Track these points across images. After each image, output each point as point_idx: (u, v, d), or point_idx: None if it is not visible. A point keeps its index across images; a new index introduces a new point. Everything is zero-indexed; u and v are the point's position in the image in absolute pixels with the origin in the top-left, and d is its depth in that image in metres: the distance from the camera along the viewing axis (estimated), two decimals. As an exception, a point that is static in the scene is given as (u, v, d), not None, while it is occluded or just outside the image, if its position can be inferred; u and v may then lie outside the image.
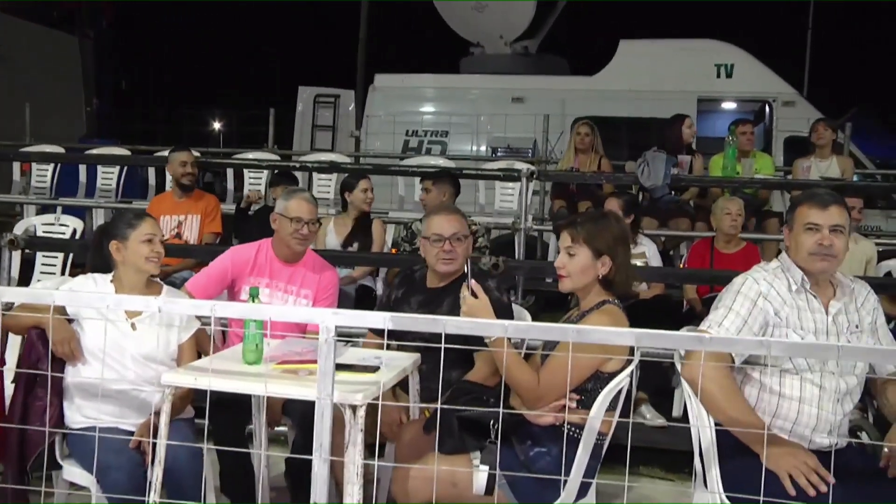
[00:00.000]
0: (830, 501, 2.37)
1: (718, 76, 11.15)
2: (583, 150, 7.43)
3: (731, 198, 5.89)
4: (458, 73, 12.39)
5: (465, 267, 2.91)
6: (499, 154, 10.70)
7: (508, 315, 3.50)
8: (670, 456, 4.45)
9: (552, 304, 6.17)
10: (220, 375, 2.67)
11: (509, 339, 2.87)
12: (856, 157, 9.35)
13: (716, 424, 2.78)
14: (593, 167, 7.32)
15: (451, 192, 5.84)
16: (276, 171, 6.66)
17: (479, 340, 2.81)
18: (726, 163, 6.81)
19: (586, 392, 2.86)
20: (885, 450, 2.71)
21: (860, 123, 12.20)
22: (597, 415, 2.75)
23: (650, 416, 4.78)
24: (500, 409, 2.54)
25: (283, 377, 2.77)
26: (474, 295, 2.85)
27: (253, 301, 3.11)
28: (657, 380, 4.79)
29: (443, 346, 2.26)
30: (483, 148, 11.26)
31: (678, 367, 2.88)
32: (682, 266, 6.10)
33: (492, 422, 2.78)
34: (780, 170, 9.02)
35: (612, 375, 2.83)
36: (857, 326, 2.88)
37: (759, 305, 2.82)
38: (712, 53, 11.21)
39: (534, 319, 6.40)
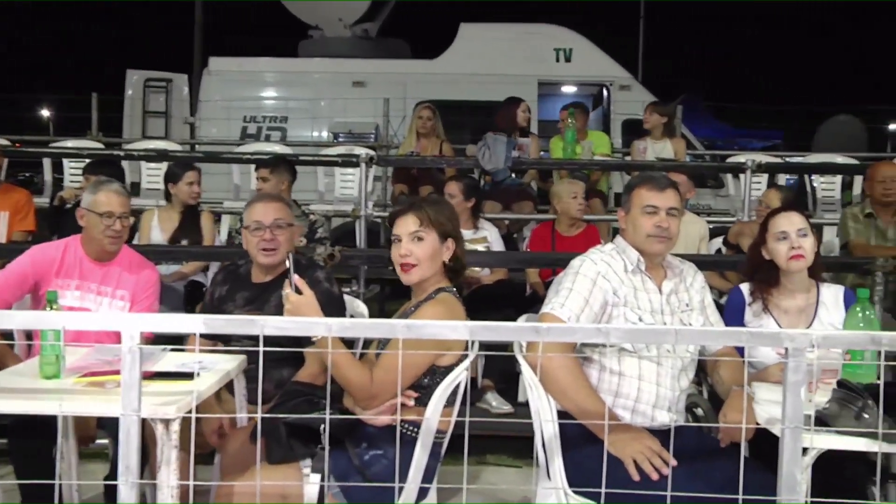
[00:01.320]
0: (670, 482, 2.34)
1: (558, 60, 11.31)
2: (424, 134, 7.31)
3: (574, 180, 5.92)
4: (297, 57, 12.01)
5: (287, 260, 2.69)
6: (340, 139, 10.44)
7: (340, 307, 3.30)
8: (518, 442, 4.39)
9: (399, 293, 6.01)
10: (4, 395, 2.33)
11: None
12: (687, 138, 9.69)
13: (558, 413, 2.72)
14: (435, 151, 7.21)
15: (289, 181, 5.59)
16: (90, 161, 6.12)
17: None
18: (566, 145, 6.86)
19: (423, 388, 2.71)
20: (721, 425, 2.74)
21: (690, 107, 12.75)
22: (433, 413, 2.60)
23: (496, 403, 4.71)
24: (328, 414, 2.35)
25: (85, 391, 2.47)
26: (298, 291, 2.62)
27: (50, 307, 2.77)
28: (503, 365, 4.72)
29: (261, 349, 2.05)
30: (324, 134, 10.96)
31: (518, 357, 2.78)
32: (524, 250, 6.08)
33: (322, 426, 2.58)
34: (618, 151, 9.25)
35: (450, 369, 2.69)
36: (687, 305, 2.97)
37: (599, 285, 2.83)
38: (551, 38, 11.35)
39: (379, 309, 6.31)
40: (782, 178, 8.59)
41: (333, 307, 3.13)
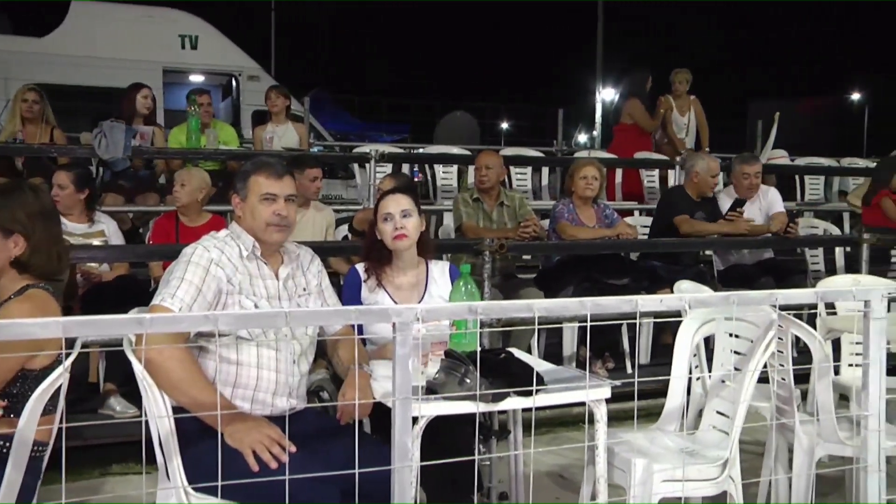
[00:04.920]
0: (287, 468, 2.34)
1: (184, 47, 10.98)
2: (30, 120, 6.62)
3: (192, 169, 5.73)
4: None
5: None
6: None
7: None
8: (148, 446, 4.13)
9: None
10: None
11: None
12: (317, 129, 9.89)
13: (175, 409, 2.59)
14: (44, 139, 6.57)
15: None
16: None
17: None
18: (190, 134, 6.63)
19: (14, 397, 2.43)
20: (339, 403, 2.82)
21: (321, 101, 13.04)
22: (28, 423, 2.33)
23: (120, 408, 4.42)
24: None
25: None
26: None
27: None
28: (126, 367, 4.41)
29: None
30: None
31: (128, 353, 2.60)
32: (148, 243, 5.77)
33: None
34: (248, 142, 9.16)
35: (47, 371, 2.44)
36: (304, 289, 3.00)
37: (212, 273, 2.74)
38: (175, 23, 10.99)
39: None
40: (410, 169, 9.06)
41: None
